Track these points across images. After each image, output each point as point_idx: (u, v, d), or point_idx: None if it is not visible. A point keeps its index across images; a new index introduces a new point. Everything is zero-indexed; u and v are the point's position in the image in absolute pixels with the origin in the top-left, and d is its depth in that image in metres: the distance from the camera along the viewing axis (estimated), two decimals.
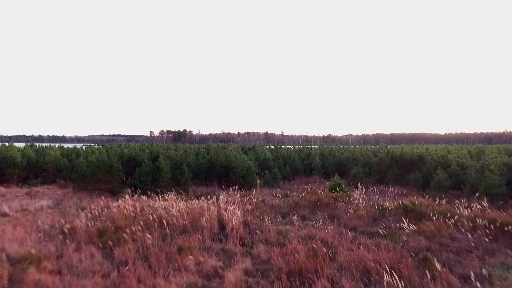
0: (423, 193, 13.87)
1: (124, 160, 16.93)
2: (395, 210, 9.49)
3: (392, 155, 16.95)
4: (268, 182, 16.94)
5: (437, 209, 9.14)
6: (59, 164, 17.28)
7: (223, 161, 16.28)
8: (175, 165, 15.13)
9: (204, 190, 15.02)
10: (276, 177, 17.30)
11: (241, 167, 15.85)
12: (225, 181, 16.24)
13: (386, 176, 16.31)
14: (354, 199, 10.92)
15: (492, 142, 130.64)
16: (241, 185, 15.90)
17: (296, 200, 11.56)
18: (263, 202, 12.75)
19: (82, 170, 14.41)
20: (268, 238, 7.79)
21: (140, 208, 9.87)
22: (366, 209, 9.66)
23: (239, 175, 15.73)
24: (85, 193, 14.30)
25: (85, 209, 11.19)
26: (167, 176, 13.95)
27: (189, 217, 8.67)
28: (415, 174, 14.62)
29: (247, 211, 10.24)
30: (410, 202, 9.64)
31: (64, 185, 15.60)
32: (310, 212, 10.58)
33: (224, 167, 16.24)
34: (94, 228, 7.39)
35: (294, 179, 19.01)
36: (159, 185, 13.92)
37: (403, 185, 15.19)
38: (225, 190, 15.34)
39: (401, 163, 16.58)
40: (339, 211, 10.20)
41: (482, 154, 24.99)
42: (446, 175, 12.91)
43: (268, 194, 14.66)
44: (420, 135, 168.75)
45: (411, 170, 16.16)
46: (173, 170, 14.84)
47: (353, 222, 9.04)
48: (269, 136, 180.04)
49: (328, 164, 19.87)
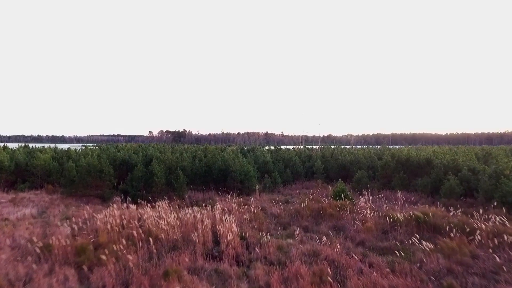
0: (432, 199, 13.10)
1: (116, 164, 16.14)
2: (406, 221, 8.68)
3: (398, 158, 16.14)
4: (267, 186, 16.14)
5: (452, 221, 8.33)
6: (49, 168, 16.46)
7: (220, 165, 15.48)
8: (170, 170, 14.32)
9: (200, 196, 14.22)
10: (276, 181, 16.50)
11: (239, 171, 15.04)
12: (223, 186, 15.43)
13: (392, 181, 15.51)
14: (361, 208, 10.11)
15: (494, 143, 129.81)
16: (240, 190, 15.10)
17: (297, 208, 10.75)
18: (263, 210, 11.95)
19: (70, 175, 13.60)
20: (268, 255, 7.00)
21: (128, 219, 9.08)
22: (374, 220, 8.85)
23: (237, 180, 14.93)
24: (74, 200, 13.50)
25: (71, 218, 10.47)
26: (160, 182, 13.14)
27: (180, 230, 7.87)
28: (423, 179, 13.81)
29: (244, 221, 9.46)
30: (422, 212, 8.84)
31: (52, 190, 14.78)
32: (313, 222, 9.78)
33: (221, 171, 15.44)
34: (73, 246, 6.58)
35: (295, 183, 18.21)
36: (152, 191, 13.13)
37: (410, 190, 14.39)
38: (222, 196, 14.55)
39: (407, 167, 15.78)
40: (344, 222, 9.40)
41: (488, 156, 24.20)
42: (457, 181, 12.10)
43: (267, 201, 13.86)
44: (420, 135, 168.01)
45: (418, 175, 15.36)
46: (167, 175, 14.03)
47: (361, 235, 8.24)
48: (269, 136, 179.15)
49: (330, 168, 19.07)
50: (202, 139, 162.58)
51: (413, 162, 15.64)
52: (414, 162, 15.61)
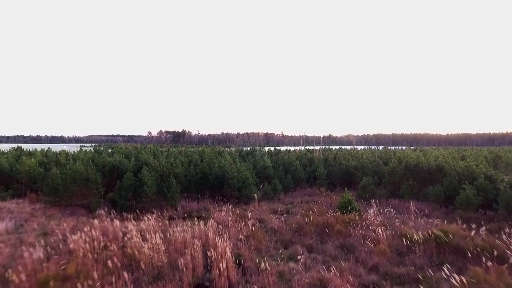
0: (446, 210, 12.11)
1: (106, 170, 15.12)
2: (424, 240, 7.67)
3: (406, 164, 15.12)
4: (267, 194, 15.12)
5: (478, 243, 7.31)
6: (34, 174, 15.44)
7: (217, 172, 14.46)
8: (162, 177, 13.31)
9: (195, 206, 13.20)
10: (277, 188, 15.49)
11: (237, 178, 14.02)
12: (219, 194, 14.42)
13: (400, 188, 14.50)
14: (371, 224, 9.09)
15: (496, 143, 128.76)
16: (237, 199, 14.09)
17: (300, 222, 9.73)
18: (262, 222, 10.95)
19: (54, 183, 12.58)
20: (266, 286, 5.99)
21: (110, 238, 8.07)
22: (388, 240, 7.83)
23: (234, 188, 13.91)
24: (58, 210, 12.48)
25: (48, 235, 9.47)
26: (151, 191, 12.12)
27: (166, 255, 6.85)
28: (435, 188, 12.80)
29: (241, 239, 8.45)
30: (442, 231, 7.83)
31: (35, 199, 13.76)
32: (318, 240, 8.76)
33: (218, 178, 14.42)
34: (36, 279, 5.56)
35: (296, 189, 17.19)
36: (142, 201, 12.11)
37: (421, 199, 13.37)
38: (218, 206, 13.54)
39: (416, 174, 14.76)
40: (353, 240, 8.38)
41: (498, 160, 23.20)
42: (474, 191, 11.09)
43: (267, 211, 12.85)
44: (421, 135, 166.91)
45: (428, 182, 14.36)
46: (159, 183, 13.02)
47: (374, 258, 7.22)
48: (269, 136, 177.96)
49: (334, 173, 18.06)
50: (202, 140, 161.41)
51: (423, 168, 14.62)
52: (424, 169, 14.60)
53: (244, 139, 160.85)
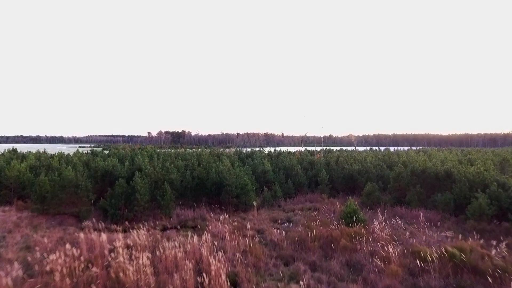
0: (456, 219, 11.43)
1: (98, 175, 14.44)
2: (438, 259, 6.99)
3: (413, 169, 14.43)
4: (267, 200, 14.44)
5: (498, 263, 6.64)
6: (23, 180, 14.77)
7: (214, 178, 13.78)
8: (156, 184, 12.64)
9: (190, 214, 12.52)
10: (277, 194, 14.81)
11: (235, 184, 13.35)
12: (217, 201, 13.74)
13: (406, 195, 13.82)
14: (379, 238, 8.41)
15: (497, 144, 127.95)
16: (236, 206, 13.42)
17: (302, 235, 9.04)
18: (261, 234, 10.29)
19: (42, 190, 11.91)
20: None
21: (96, 252, 7.42)
22: (398, 258, 7.15)
23: (232, 194, 13.23)
24: (45, 219, 11.80)
25: (32, 249, 8.80)
26: (143, 199, 11.45)
27: (154, 276, 6.18)
28: (444, 195, 12.11)
29: (239, 254, 7.77)
30: (457, 248, 7.15)
31: (23, 207, 13.09)
32: (322, 255, 8.08)
33: (215, 184, 13.74)
34: None
35: (297, 195, 16.50)
36: (134, 210, 11.44)
37: (429, 207, 12.69)
38: (216, 214, 12.86)
39: (423, 179, 14.08)
40: (360, 257, 7.70)
41: (506, 163, 22.46)
42: (487, 200, 10.41)
43: (267, 220, 12.18)
44: (422, 136, 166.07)
45: (436, 188, 13.68)
46: (152, 190, 12.35)
47: (384, 279, 6.54)
48: (269, 137, 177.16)
49: (336, 178, 17.37)
50: (202, 140, 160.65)
51: (430, 174, 13.93)
52: (431, 174, 13.91)
53: (244, 140, 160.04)
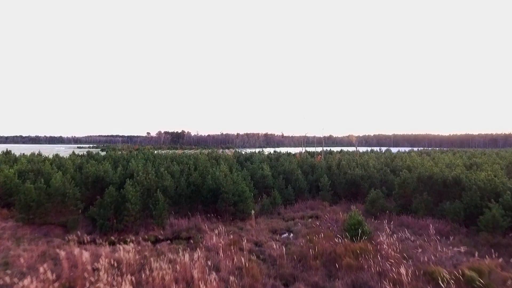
0: (467, 230, 10.74)
1: (89, 182, 13.75)
2: (454, 281, 6.31)
3: (419, 175, 13.74)
4: (266, 208, 13.76)
5: None
6: (10, 186, 14.08)
7: (210, 184, 13.09)
8: (148, 192, 11.95)
9: (185, 224, 11.83)
10: (276, 201, 14.12)
11: (233, 191, 12.67)
12: (213, 209, 13.05)
13: (413, 202, 13.14)
14: (387, 255, 7.72)
15: (498, 144, 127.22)
16: (233, 215, 12.73)
17: (303, 251, 8.37)
18: (259, 247, 9.62)
19: (27, 199, 11.22)
20: None
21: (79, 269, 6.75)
22: (411, 282, 6.46)
23: (229, 202, 12.55)
24: (31, 230, 11.11)
25: (10, 265, 8.13)
26: (134, 209, 10.76)
27: None
28: (454, 204, 11.43)
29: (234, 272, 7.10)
30: (475, 270, 6.47)
31: (7, 215, 12.41)
32: (325, 275, 7.39)
33: (211, 191, 13.05)
34: None
35: (298, 201, 15.82)
36: (125, 220, 10.75)
37: (437, 216, 12.01)
38: (212, 223, 12.19)
39: (430, 186, 13.39)
40: (367, 277, 7.01)
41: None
42: (502, 210, 9.73)
43: (265, 230, 11.49)
44: (422, 136, 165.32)
45: (444, 195, 13.01)
46: (145, 198, 11.67)
47: None
48: (269, 137, 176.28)
49: (338, 183, 16.67)
50: (201, 140, 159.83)
51: (438, 180, 13.25)
52: (438, 181, 13.23)
53: (243, 140, 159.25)
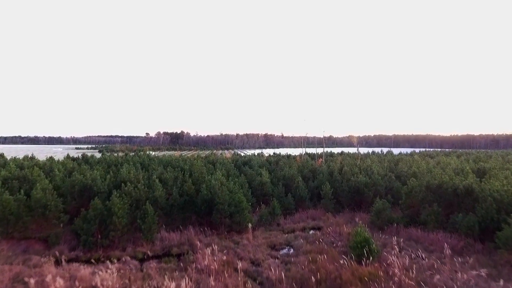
0: (483, 246, 9.88)
1: (75, 191, 12.88)
2: None
3: (428, 184, 12.88)
4: (265, 219, 12.90)
5: None
6: None
7: (205, 195, 12.22)
8: (137, 203, 11.09)
9: (176, 238, 10.96)
10: (275, 212, 13.25)
11: (229, 201, 11.81)
12: (208, 221, 12.19)
13: (421, 213, 12.30)
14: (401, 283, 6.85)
15: (500, 145, 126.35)
16: (229, 227, 11.87)
17: (305, 275, 7.51)
18: (257, 266, 8.77)
19: (6, 212, 10.36)
20: None
21: None
22: None
23: (225, 214, 11.69)
24: (9, 245, 10.24)
25: None
26: (121, 223, 9.90)
27: None
28: (467, 217, 10.56)
29: None
30: None
31: None
32: None
33: (206, 202, 12.19)
34: None
35: (298, 211, 14.95)
36: (111, 235, 9.89)
37: (448, 229, 11.14)
38: (206, 236, 11.35)
39: (440, 196, 12.54)
40: None
41: None
42: None
43: (264, 245, 10.63)
44: (423, 136, 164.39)
45: (455, 206, 12.16)
46: (133, 210, 10.82)
47: None
48: (268, 137, 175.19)
49: (341, 191, 15.81)
50: (200, 141, 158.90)
51: (448, 190, 12.39)
52: (448, 190, 12.37)
53: (243, 141, 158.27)
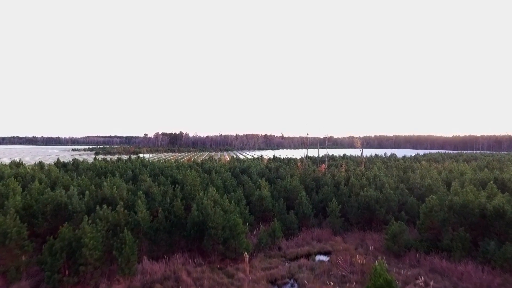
0: None
1: (48, 211, 11.28)
2: None
3: (450, 204, 11.28)
4: (264, 242, 11.28)
5: None
6: None
7: (195, 216, 10.61)
8: (115, 228, 9.48)
9: (161, 270, 9.35)
10: (276, 234, 11.64)
11: (223, 224, 10.22)
12: (198, 247, 10.60)
13: (443, 238, 10.71)
14: None
15: (503, 147, 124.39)
16: (222, 254, 10.27)
17: None
18: None
19: None
20: None
21: None
22: None
23: (218, 239, 10.09)
24: None
25: None
26: (93, 256, 8.28)
27: None
28: (507, 247, 8.96)
29: None
30: None
31: None
32: None
33: (197, 225, 10.59)
34: None
35: (302, 230, 13.34)
36: (80, 270, 8.28)
37: (479, 259, 9.54)
38: (195, 266, 9.75)
39: (464, 217, 10.94)
40: None
41: None
42: None
43: (262, 280, 9.01)
44: (425, 137, 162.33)
45: (481, 228, 10.59)
46: (109, 238, 9.20)
47: None
48: (268, 138, 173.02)
49: (349, 207, 14.19)
50: (199, 142, 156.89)
51: (474, 210, 10.81)
52: (475, 211, 10.79)
53: (242, 141, 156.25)
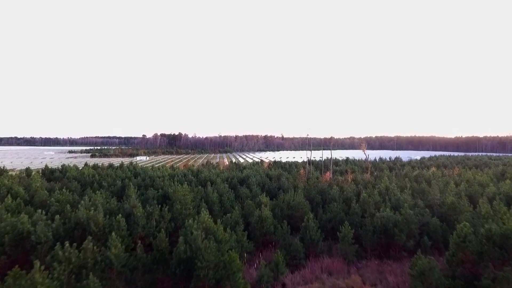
0: None
1: (5, 242, 9.41)
2: None
3: (488, 234, 9.41)
4: (265, 280, 9.42)
5: None
6: None
7: (181, 252, 8.73)
8: (79, 271, 7.61)
9: None
10: (279, 269, 9.78)
11: (215, 262, 8.35)
12: None
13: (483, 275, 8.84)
14: None
15: (507, 148, 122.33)
16: None
17: None
18: None
19: None
20: None
21: None
22: None
23: (209, 281, 8.23)
24: None
25: None
26: None
27: None
28: None
29: None
30: None
31: None
32: None
33: (183, 262, 8.71)
34: None
35: (309, 259, 11.48)
36: None
37: None
38: None
39: (506, 250, 9.08)
40: None
41: None
42: None
43: None
44: (427, 138, 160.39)
45: None
46: (72, 284, 7.34)
47: None
48: (268, 139, 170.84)
49: (364, 231, 12.31)
50: (198, 143, 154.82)
51: None
52: None
53: (242, 143, 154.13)
